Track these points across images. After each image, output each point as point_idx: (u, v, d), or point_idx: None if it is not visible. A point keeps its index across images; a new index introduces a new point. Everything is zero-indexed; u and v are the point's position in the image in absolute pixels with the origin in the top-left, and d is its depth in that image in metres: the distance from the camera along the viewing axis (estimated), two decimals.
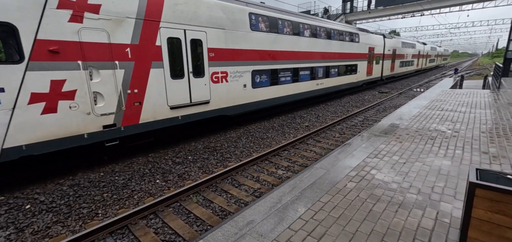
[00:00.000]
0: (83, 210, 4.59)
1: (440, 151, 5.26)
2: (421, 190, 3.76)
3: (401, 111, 9.11)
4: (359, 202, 3.51)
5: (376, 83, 22.26)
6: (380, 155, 5.13)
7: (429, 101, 10.88)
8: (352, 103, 14.55)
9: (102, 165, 6.41)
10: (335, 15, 33.43)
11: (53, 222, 4.27)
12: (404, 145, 5.65)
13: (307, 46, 12.10)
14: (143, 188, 5.34)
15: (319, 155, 6.88)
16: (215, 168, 6.34)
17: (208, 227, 4.11)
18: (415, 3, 28.94)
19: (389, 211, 3.29)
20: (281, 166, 6.30)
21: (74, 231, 4.07)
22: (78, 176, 5.79)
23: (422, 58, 35.81)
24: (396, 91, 19.29)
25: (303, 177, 4.32)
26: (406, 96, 16.48)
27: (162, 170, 6.15)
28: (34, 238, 3.91)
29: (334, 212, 3.31)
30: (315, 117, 11.32)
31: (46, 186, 5.37)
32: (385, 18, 33.75)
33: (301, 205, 3.50)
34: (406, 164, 4.67)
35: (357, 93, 18.42)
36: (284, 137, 8.65)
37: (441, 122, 7.43)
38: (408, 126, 7.19)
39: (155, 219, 4.33)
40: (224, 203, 4.73)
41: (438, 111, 8.81)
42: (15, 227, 4.12)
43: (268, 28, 9.95)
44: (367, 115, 11.50)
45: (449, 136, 6.18)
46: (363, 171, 4.46)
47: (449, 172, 4.32)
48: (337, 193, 3.77)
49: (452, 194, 3.64)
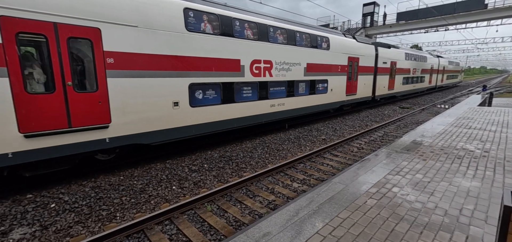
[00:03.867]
0: (102, 212, 4.72)
1: (469, 171, 4.94)
2: (448, 212, 3.53)
3: (424, 128, 8.72)
4: (380, 220, 3.35)
5: (366, 103, 17.63)
6: (402, 172, 4.90)
7: (455, 118, 10.34)
8: (371, 118, 14.14)
9: (123, 169, 6.62)
10: (355, 29, 33.17)
11: (74, 221, 4.42)
12: (429, 163, 5.36)
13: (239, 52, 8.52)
14: (159, 194, 5.44)
15: (336, 169, 6.70)
16: (230, 177, 6.34)
17: (222, 237, 4.08)
18: (439, 18, 28.15)
19: (413, 232, 3.10)
20: (297, 178, 6.18)
21: (93, 232, 4.19)
22: (100, 179, 6.01)
23: (436, 74, 29.96)
24: (418, 107, 18.54)
25: (321, 190, 4.20)
26: (429, 113, 15.79)
27: (178, 177, 6.24)
28: (57, 236, 4.06)
29: (353, 229, 3.17)
30: (332, 131, 11.10)
31: (70, 186, 5.61)
32: (406, 32, 33.04)
33: (318, 219, 3.39)
34: (431, 183, 4.42)
35: (377, 107, 17.91)
36: (300, 149, 8.53)
37: (469, 141, 7.01)
38: (432, 143, 6.85)
39: (170, 225, 4.36)
40: (238, 213, 4.69)
41: (465, 130, 8.34)
42: (40, 224, 4.31)
43: (219, 30, 7.75)
44: (387, 131, 11.11)
45: (478, 155, 5.80)
46: (384, 188, 4.27)
47: (479, 194, 4.03)
48: (357, 209, 3.62)
49: (483, 218, 3.38)
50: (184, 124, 7.26)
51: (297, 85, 10.78)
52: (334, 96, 13.21)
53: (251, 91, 8.97)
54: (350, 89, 14.43)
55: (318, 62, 11.67)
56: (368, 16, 32.95)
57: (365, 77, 15.63)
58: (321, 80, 12.09)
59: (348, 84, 14.10)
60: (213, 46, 7.61)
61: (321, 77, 12.01)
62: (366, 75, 15.73)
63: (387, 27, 32.38)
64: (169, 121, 6.92)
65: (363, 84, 15.51)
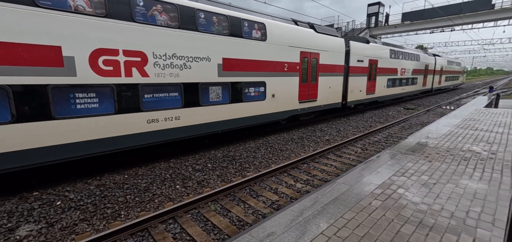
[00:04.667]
0: (107, 210, 4.76)
1: (475, 173, 4.87)
2: (454, 214, 3.48)
3: (429, 129, 8.63)
4: (386, 221, 3.32)
5: (336, 111, 14.40)
6: (408, 174, 4.86)
7: (461, 119, 10.22)
8: (375, 119, 14.04)
9: (127, 167, 6.66)
10: (359, 29, 33.00)
11: (80, 219, 4.46)
12: (434, 165, 5.31)
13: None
14: (163, 193, 5.46)
15: (340, 170, 6.66)
16: (234, 177, 6.34)
17: (225, 236, 4.08)
18: (445, 18, 27.88)
19: (419, 233, 3.07)
20: (300, 179, 6.16)
21: (98, 230, 4.22)
22: (105, 177, 6.06)
23: (433, 75, 26.25)
24: (423, 108, 18.37)
25: (325, 191, 4.18)
26: (434, 114, 15.63)
27: (182, 176, 6.26)
28: (62, 234, 4.10)
29: (358, 230, 3.15)
30: (336, 131, 11.04)
31: (76, 184, 5.67)
32: (412, 32, 32.79)
33: (323, 220, 3.37)
34: (437, 185, 4.36)
35: (381, 108, 17.77)
36: (304, 150, 8.50)
37: (476, 142, 6.92)
38: (438, 144, 6.77)
39: (174, 224, 4.38)
40: (242, 213, 4.69)
41: (471, 131, 8.23)
42: (46, 221, 4.36)
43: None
44: (391, 132, 11.02)
45: (485, 157, 5.72)
46: (389, 189, 4.24)
47: (486, 196, 3.97)
48: (361, 210, 3.60)
49: (490, 220, 3.33)
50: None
51: (205, 89, 7.47)
52: (278, 104, 9.76)
53: (96, 100, 5.60)
54: (307, 94, 10.97)
55: (244, 58, 8.30)
56: (373, 16, 32.73)
57: (331, 79, 12.19)
58: (253, 82, 8.73)
59: (302, 88, 10.65)
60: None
61: (252, 79, 8.66)
62: (332, 77, 12.25)
63: (392, 28, 32.15)
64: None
65: (328, 87, 12.07)
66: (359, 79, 14.69)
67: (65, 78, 5.15)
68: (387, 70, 17.45)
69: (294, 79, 10.35)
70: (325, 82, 11.96)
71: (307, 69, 10.86)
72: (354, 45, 13.95)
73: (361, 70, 14.71)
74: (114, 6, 5.59)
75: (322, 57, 11.47)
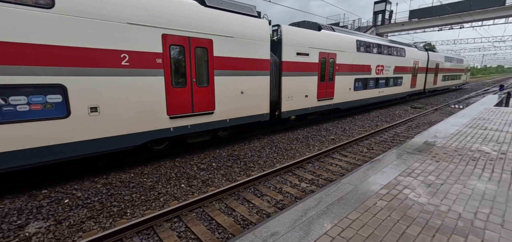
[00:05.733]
0: (113, 208, 4.83)
1: (484, 173, 4.77)
2: (462, 215, 3.42)
3: (437, 129, 8.48)
4: (391, 222, 3.28)
5: (261, 125, 10.71)
6: (414, 174, 4.79)
7: (470, 119, 10.02)
8: (382, 118, 13.88)
9: (133, 166, 6.75)
10: (366, 27, 32.66)
11: (87, 217, 4.54)
12: (442, 165, 5.22)
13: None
14: (169, 191, 5.51)
15: (346, 170, 6.61)
16: (238, 176, 6.36)
17: (230, 235, 4.09)
18: (454, 15, 27.34)
19: (425, 235, 3.02)
20: (305, 178, 6.14)
21: (104, 228, 4.28)
22: (111, 176, 6.15)
23: (425, 74, 22.26)
24: (431, 107, 18.07)
25: (330, 191, 4.16)
26: (442, 113, 15.36)
27: (187, 175, 6.31)
28: (70, 231, 4.18)
29: (363, 231, 3.12)
30: (342, 131, 10.95)
31: (83, 183, 5.77)
32: (419, 30, 32.29)
33: (327, 220, 3.35)
34: (444, 185, 4.29)
35: (387, 107, 17.55)
36: (309, 149, 8.46)
37: (485, 142, 6.77)
38: (446, 144, 6.65)
39: (179, 223, 4.42)
40: (246, 212, 4.70)
41: (480, 131, 8.06)
42: (55, 219, 4.45)
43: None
44: (397, 131, 10.88)
45: (495, 157, 5.60)
46: (394, 189, 4.18)
47: (495, 197, 3.89)
48: (366, 211, 3.56)
49: (499, 222, 3.26)
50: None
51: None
52: (110, 125, 5.81)
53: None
54: (188, 104, 7.04)
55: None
56: (379, 14, 32.33)
57: (242, 80, 8.20)
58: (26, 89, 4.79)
59: (176, 96, 6.76)
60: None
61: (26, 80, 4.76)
62: (244, 76, 8.26)
63: (399, 25, 31.71)
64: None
65: (239, 93, 8.17)
66: (302, 80, 10.50)
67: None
68: (353, 68, 13.27)
69: (150, 81, 6.25)
70: (228, 84, 7.86)
71: (184, 66, 6.84)
72: (288, 32, 9.77)
73: (305, 67, 10.51)
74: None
75: (219, 47, 7.40)
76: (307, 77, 10.76)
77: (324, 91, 11.77)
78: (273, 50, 9.62)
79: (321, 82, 11.47)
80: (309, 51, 10.58)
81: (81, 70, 5.30)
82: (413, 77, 20.07)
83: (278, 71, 9.71)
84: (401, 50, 17.90)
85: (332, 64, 11.93)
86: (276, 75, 9.67)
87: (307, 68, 10.67)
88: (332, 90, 12.24)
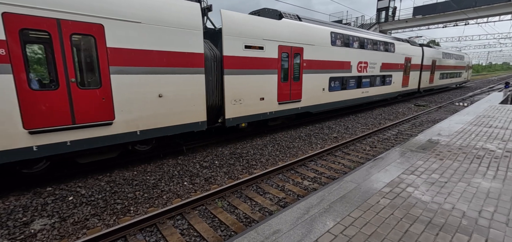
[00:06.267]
0: (117, 206, 4.87)
1: (489, 171, 4.73)
2: (466, 214, 3.39)
3: (441, 126, 8.41)
4: (394, 220, 3.26)
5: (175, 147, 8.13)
6: (417, 172, 4.76)
7: (475, 116, 9.91)
8: (385, 116, 13.79)
9: (136, 164, 6.79)
10: (369, 24, 32.40)
11: (91, 214, 4.58)
12: (445, 163, 5.17)
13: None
14: (171, 189, 5.54)
15: (348, 168, 6.59)
16: (241, 174, 6.36)
17: (232, 232, 4.11)
18: (458, 12, 27.01)
19: (429, 233, 3.00)
20: (307, 176, 6.13)
21: (108, 225, 4.32)
22: (115, 173, 6.19)
23: (419, 71, 20.15)
24: (435, 104, 17.91)
25: (332, 189, 4.15)
26: (446, 111, 15.23)
27: (190, 173, 6.33)
28: (74, 228, 4.22)
29: (365, 229, 3.11)
30: (344, 129, 10.91)
31: (87, 180, 5.82)
32: (423, 27, 31.95)
33: (329, 218, 3.35)
34: (448, 184, 4.26)
35: (391, 105, 17.42)
36: (311, 147, 8.44)
37: (490, 140, 6.70)
38: (450, 142, 6.60)
39: (181, 220, 4.44)
40: (249, 210, 4.71)
41: (485, 128, 7.98)
42: (59, 216, 4.50)
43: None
44: (401, 129, 10.81)
45: (500, 155, 5.54)
46: (398, 187, 4.16)
47: (500, 195, 3.85)
48: (369, 209, 3.55)
49: (504, 220, 3.23)
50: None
51: None
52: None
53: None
54: (63, 113, 5.21)
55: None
56: (383, 11, 32.05)
57: (159, 79, 6.37)
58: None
59: (39, 101, 4.93)
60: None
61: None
62: (162, 75, 6.42)
63: (402, 22, 31.40)
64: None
65: (155, 97, 6.36)
66: (254, 79, 8.51)
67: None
68: (327, 64, 11.24)
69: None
70: (135, 86, 6.02)
71: (53, 61, 5.06)
72: (231, 19, 7.72)
73: (258, 63, 8.49)
74: None
75: (117, 34, 5.63)
76: (262, 76, 8.73)
77: (287, 93, 9.75)
78: (214, 42, 8.08)
79: (283, 82, 9.48)
80: (263, 44, 8.53)
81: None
82: (405, 75, 18.07)
83: (219, 69, 7.74)
84: (390, 45, 15.79)
85: (300, 60, 9.97)
86: (217, 73, 7.72)
87: (262, 65, 8.65)
88: (299, 92, 10.24)
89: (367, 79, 14.18)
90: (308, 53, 10.23)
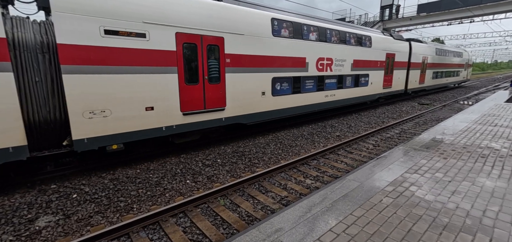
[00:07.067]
0: (120, 203, 4.91)
1: (494, 171, 4.68)
2: (470, 213, 3.36)
3: (445, 125, 8.33)
4: (397, 219, 3.25)
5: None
6: (421, 171, 4.72)
7: (480, 115, 9.81)
8: (388, 114, 13.70)
9: (139, 162, 6.83)
10: (372, 22, 32.15)
11: (94, 211, 4.62)
12: (449, 162, 5.13)
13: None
14: (174, 187, 5.56)
15: (351, 167, 6.56)
16: (243, 172, 6.37)
17: (234, 230, 4.12)
18: (464, 9, 26.66)
19: (432, 232, 2.98)
20: (310, 175, 6.12)
21: (112, 222, 4.36)
22: (118, 171, 6.24)
23: (406, 70, 17.68)
24: (439, 103, 17.74)
25: (335, 188, 4.14)
26: (450, 109, 15.08)
27: (192, 171, 6.35)
28: (78, 225, 4.27)
29: (368, 227, 3.10)
30: (347, 127, 10.86)
31: (91, 178, 5.87)
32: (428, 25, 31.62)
33: (332, 217, 3.34)
34: (452, 183, 4.22)
35: (394, 104, 17.29)
36: (314, 146, 8.42)
37: (495, 139, 6.63)
38: (454, 141, 6.54)
39: (184, 218, 4.46)
40: (251, 209, 4.71)
41: (490, 127, 7.89)
42: (63, 213, 4.55)
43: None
44: (404, 128, 10.73)
45: (505, 154, 5.48)
46: (401, 186, 4.14)
47: (505, 195, 3.81)
48: (372, 207, 3.53)
49: (509, 220, 3.20)
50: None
51: None
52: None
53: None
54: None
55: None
56: (387, 8, 31.76)
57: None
58: None
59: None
60: None
61: None
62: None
63: (406, 20, 31.09)
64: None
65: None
66: (127, 80, 5.96)
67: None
68: (267, 61, 8.79)
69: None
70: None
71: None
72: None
73: (136, 58, 6.02)
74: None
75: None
76: (147, 76, 6.23)
77: (198, 99, 7.26)
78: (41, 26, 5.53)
79: (189, 85, 7.01)
80: (146, 30, 6.05)
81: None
82: (387, 74, 15.50)
83: (52, 64, 5.43)
84: (364, 39, 13.02)
85: (217, 55, 7.48)
86: (49, 72, 5.40)
87: (146, 60, 6.15)
88: (222, 97, 7.76)
89: (332, 80, 11.59)
90: (233, 46, 7.76)
